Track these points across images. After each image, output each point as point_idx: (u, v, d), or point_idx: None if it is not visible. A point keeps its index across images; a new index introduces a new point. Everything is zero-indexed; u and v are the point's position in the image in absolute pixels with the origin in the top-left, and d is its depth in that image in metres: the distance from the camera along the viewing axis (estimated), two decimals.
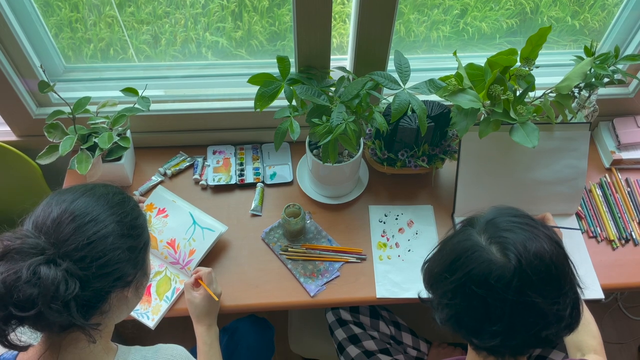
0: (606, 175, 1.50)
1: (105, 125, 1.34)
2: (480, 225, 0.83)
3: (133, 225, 0.82)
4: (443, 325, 0.84)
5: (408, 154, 1.35)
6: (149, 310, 1.20)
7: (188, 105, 1.44)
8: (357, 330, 1.30)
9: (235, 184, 1.44)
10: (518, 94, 1.21)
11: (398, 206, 1.41)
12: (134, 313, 1.19)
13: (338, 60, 1.40)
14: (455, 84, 1.19)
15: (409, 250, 1.32)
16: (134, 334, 1.79)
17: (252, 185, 1.44)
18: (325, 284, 1.26)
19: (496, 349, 0.81)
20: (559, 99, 1.25)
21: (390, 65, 1.30)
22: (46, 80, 1.24)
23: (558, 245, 0.80)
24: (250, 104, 1.28)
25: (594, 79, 1.27)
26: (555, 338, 0.79)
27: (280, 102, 1.30)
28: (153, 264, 1.27)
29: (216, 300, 1.14)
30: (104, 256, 0.76)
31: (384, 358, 1.27)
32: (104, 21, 1.33)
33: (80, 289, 0.72)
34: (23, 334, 0.75)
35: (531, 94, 1.27)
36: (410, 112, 1.33)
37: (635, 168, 1.51)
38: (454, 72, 1.24)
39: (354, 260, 1.30)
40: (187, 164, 1.48)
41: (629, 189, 1.46)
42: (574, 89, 1.30)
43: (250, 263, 1.29)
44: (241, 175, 1.45)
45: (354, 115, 1.19)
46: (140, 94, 1.32)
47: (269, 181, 1.45)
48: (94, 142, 1.29)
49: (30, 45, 1.29)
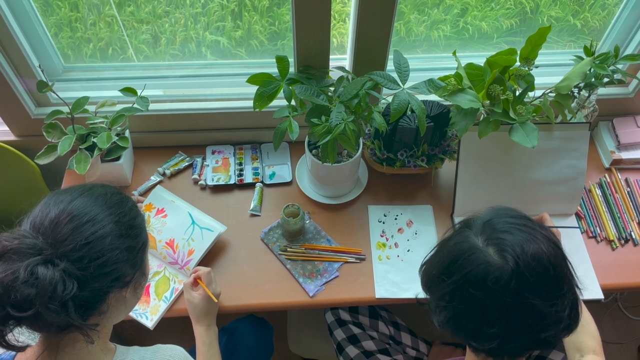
0: (606, 175, 1.49)
1: (104, 125, 1.34)
2: (477, 227, 0.83)
3: (131, 226, 0.82)
4: (441, 328, 0.84)
5: (407, 154, 1.35)
6: (148, 311, 1.20)
7: (187, 105, 1.44)
8: (356, 330, 1.30)
9: (234, 183, 1.44)
10: (517, 93, 1.21)
11: (397, 206, 1.41)
12: (132, 313, 1.19)
13: (337, 60, 1.40)
14: (454, 83, 1.18)
15: (408, 251, 1.32)
16: (132, 335, 1.78)
17: (251, 185, 1.44)
18: (324, 284, 1.26)
19: (495, 351, 0.81)
20: (558, 99, 1.25)
21: (390, 65, 1.30)
22: (45, 80, 1.23)
23: (556, 246, 0.80)
24: (249, 103, 1.27)
25: (593, 79, 1.26)
26: (554, 339, 0.79)
27: (279, 102, 1.30)
28: (152, 264, 1.27)
29: (215, 301, 1.14)
30: (102, 256, 0.75)
31: (383, 358, 1.27)
32: (103, 20, 1.33)
33: (78, 290, 0.72)
34: (21, 335, 0.75)
35: (531, 94, 1.27)
36: (409, 112, 1.32)
37: (635, 168, 1.51)
38: (453, 72, 1.23)
39: (353, 260, 1.30)
40: (186, 164, 1.48)
41: (628, 189, 1.46)
42: (573, 89, 1.30)
43: (249, 263, 1.29)
44: (240, 175, 1.45)
45: (353, 115, 1.19)
46: (139, 93, 1.32)
47: (268, 181, 1.45)
48: (93, 142, 1.29)
49: (28, 45, 1.29)
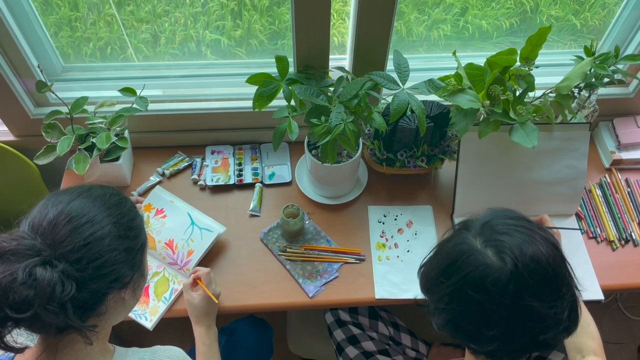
0: (606, 175, 1.49)
1: (103, 125, 1.33)
2: (475, 228, 0.82)
3: (130, 227, 0.81)
4: (440, 330, 0.84)
5: (407, 154, 1.35)
6: (147, 311, 1.20)
7: (186, 105, 1.44)
8: (356, 331, 1.29)
9: (234, 184, 1.43)
10: (518, 94, 1.21)
11: (397, 206, 1.40)
12: (132, 314, 1.19)
13: (337, 60, 1.39)
14: (454, 84, 1.18)
15: (408, 251, 1.32)
16: (131, 336, 1.78)
17: (251, 186, 1.44)
18: (324, 284, 1.25)
19: (494, 354, 0.80)
20: (558, 99, 1.24)
21: (390, 65, 1.30)
22: (44, 80, 1.23)
23: (555, 247, 0.79)
24: (249, 103, 1.27)
25: (594, 79, 1.26)
26: (554, 341, 0.79)
27: (278, 102, 1.30)
28: (151, 264, 1.27)
29: (215, 301, 1.14)
30: (100, 257, 0.75)
31: (383, 359, 1.27)
32: (103, 20, 1.33)
33: (77, 291, 0.72)
34: (20, 336, 0.75)
35: (531, 94, 1.26)
36: (409, 112, 1.32)
37: (635, 168, 1.51)
38: (453, 72, 1.23)
39: (352, 261, 1.30)
40: (186, 164, 1.47)
41: (629, 189, 1.46)
42: (573, 89, 1.30)
43: (249, 264, 1.29)
44: (240, 175, 1.45)
45: (352, 115, 1.18)
46: (138, 93, 1.32)
47: (267, 181, 1.45)
48: (92, 142, 1.28)
49: (27, 44, 1.29)
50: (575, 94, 1.32)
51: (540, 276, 0.75)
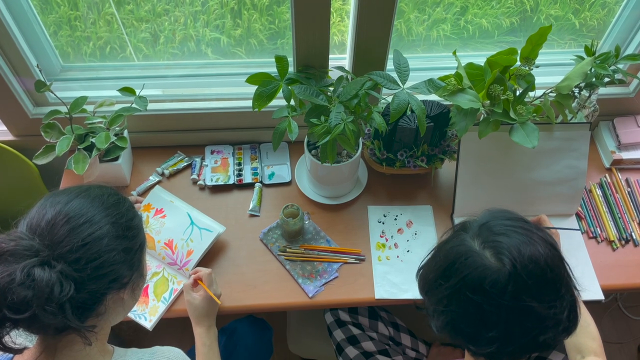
0: (606, 175, 1.49)
1: (102, 125, 1.33)
2: (473, 230, 0.82)
3: (128, 227, 0.81)
4: (439, 332, 0.83)
5: (407, 154, 1.35)
6: (147, 312, 1.20)
7: (186, 104, 1.44)
8: (356, 331, 1.29)
9: (234, 184, 1.43)
10: (518, 93, 1.21)
11: (397, 206, 1.40)
12: (131, 314, 1.19)
13: (337, 60, 1.39)
14: (454, 83, 1.18)
15: (408, 251, 1.32)
16: (131, 336, 1.78)
17: (250, 186, 1.44)
18: (323, 284, 1.25)
19: (494, 355, 0.80)
20: (559, 99, 1.24)
21: (390, 64, 1.29)
22: (43, 79, 1.23)
23: (553, 247, 0.79)
24: (249, 103, 1.27)
25: (594, 79, 1.26)
26: (553, 342, 0.78)
27: (278, 102, 1.30)
28: (150, 264, 1.27)
29: (218, 302, 1.14)
30: (99, 258, 0.75)
31: (383, 359, 1.27)
32: (103, 19, 1.32)
33: (75, 291, 0.72)
34: (18, 336, 0.75)
35: (531, 94, 1.26)
36: (409, 112, 1.32)
37: (636, 168, 1.50)
38: (453, 72, 1.23)
39: (352, 261, 1.30)
40: (185, 164, 1.47)
41: (629, 189, 1.45)
42: (574, 89, 1.29)
43: (249, 264, 1.29)
44: (239, 175, 1.45)
45: (352, 115, 1.18)
46: (137, 93, 1.31)
47: (267, 181, 1.44)
48: (91, 142, 1.28)
49: (26, 44, 1.28)
50: (576, 94, 1.32)
51: (539, 277, 0.75)
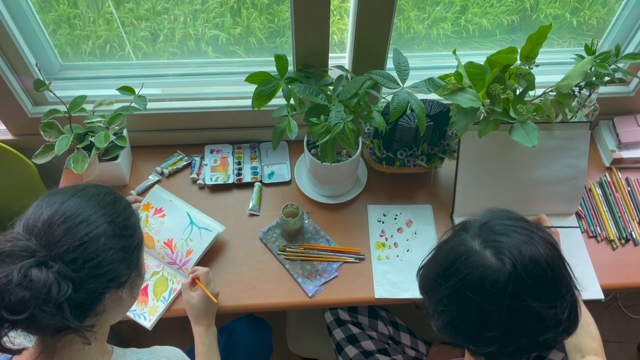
0: (606, 174, 1.49)
1: (101, 124, 1.33)
2: (473, 230, 0.82)
3: (125, 225, 0.81)
4: (440, 332, 0.83)
5: (407, 153, 1.35)
6: (146, 311, 1.19)
7: (185, 104, 1.43)
8: (356, 330, 1.29)
9: (233, 183, 1.43)
10: (518, 92, 1.20)
11: (397, 206, 1.40)
12: (130, 314, 1.19)
13: (336, 59, 1.39)
14: (454, 82, 1.18)
15: (407, 250, 1.31)
16: (130, 335, 1.78)
17: (250, 185, 1.44)
18: (323, 284, 1.25)
19: (494, 355, 0.80)
20: (559, 98, 1.24)
21: (389, 64, 1.29)
22: (42, 78, 1.22)
23: (553, 247, 0.79)
24: (248, 102, 1.27)
25: (594, 78, 1.26)
26: (554, 342, 0.78)
27: (278, 101, 1.29)
28: (150, 264, 1.26)
29: (214, 301, 1.14)
30: (96, 257, 0.75)
31: (382, 358, 1.27)
32: (102, 17, 1.32)
33: (73, 291, 0.72)
34: (17, 337, 0.75)
35: (531, 93, 1.26)
36: (409, 111, 1.32)
37: (636, 167, 1.50)
38: (453, 71, 1.23)
39: (352, 260, 1.29)
40: (185, 163, 1.47)
41: (629, 188, 1.45)
42: (574, 88, 1.29)
43: (248, 263, 1.29)
44: (239, 174, 1.44)
45: (352, 114, 1.18)
46: (136, 92, 1.31)
47: (266, 180, 1.44)
48: (90, 141, 1.28)
49: (25, 42, 1.28)
50: (576, 93, 1.31)
51: (539, 276, 0.75)
